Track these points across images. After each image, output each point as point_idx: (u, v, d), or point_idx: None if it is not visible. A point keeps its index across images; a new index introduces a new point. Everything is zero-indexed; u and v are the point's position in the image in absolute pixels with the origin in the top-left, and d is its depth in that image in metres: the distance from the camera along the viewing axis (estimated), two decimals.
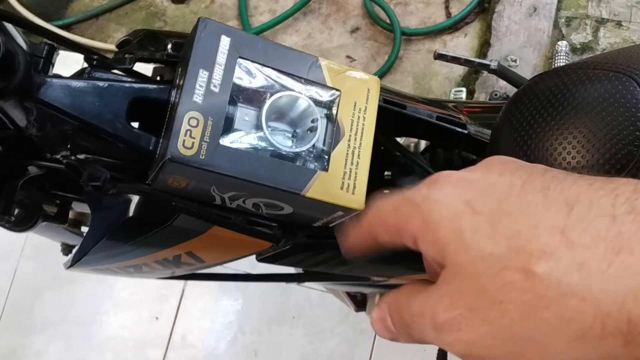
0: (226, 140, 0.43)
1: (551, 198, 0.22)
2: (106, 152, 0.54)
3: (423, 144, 0.75)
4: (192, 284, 1.69)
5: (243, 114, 0.44)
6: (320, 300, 1.62)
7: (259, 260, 0.62)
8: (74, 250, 0.64)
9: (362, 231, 0.30)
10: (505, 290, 0.21)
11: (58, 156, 0.55)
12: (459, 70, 1.75)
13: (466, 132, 0.60)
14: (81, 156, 0.54)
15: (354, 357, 1.57)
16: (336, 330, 1.59)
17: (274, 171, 0.43)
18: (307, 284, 1.50)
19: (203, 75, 0.43)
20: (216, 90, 0.43)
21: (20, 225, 0.76)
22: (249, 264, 0.85)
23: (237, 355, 1.62)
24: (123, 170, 0.55)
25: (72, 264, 0.66)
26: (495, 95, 0.78)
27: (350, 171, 0.45)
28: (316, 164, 0.45)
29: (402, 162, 0.64)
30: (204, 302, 1.69)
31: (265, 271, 0.75)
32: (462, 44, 1.79)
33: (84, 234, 0.62)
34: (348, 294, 1.00)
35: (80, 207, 0.88)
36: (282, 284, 1.63)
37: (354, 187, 0.45)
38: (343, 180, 0.45)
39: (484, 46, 1.75)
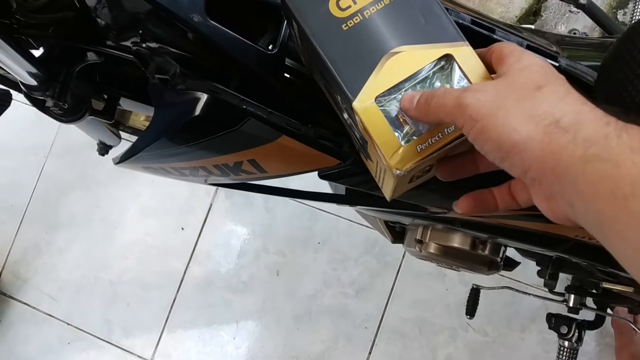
0: None
1: (541, 95, 0.36)
2: (180, 43, 0.50)
3: None
4: (221, 198, 1.68)
5: None
6: (347, 229, 1.61)
7: (321, 177, 0.60)
8: (126, 148, 0.61)
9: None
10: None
11: (127, 43, 0.52)
12: (515, 10, 1.66)
13: (557, 64, 0.56)
14: (153, 45, 0.51)
15: (375, 287, 1.58)
16: (360, 260, 1.60)
17: None
18: (345, 208, 1.49)
19: None
20: None
21: (69, 115, 0.74)
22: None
23: (259, 272, 1.63)
24: (194, 66, 0.52)
25: (123, 160, 0.64)
26: (574, 33, 0.73)
27: None
28: None
29: None
30: (230, 218, 1.69)
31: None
32: None
33: (138, 137, 0.60)
34: (386, 223, 0.98)
35: (128, 105, 0.86)
36: (312, 209, 1.63)
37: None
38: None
39: None
